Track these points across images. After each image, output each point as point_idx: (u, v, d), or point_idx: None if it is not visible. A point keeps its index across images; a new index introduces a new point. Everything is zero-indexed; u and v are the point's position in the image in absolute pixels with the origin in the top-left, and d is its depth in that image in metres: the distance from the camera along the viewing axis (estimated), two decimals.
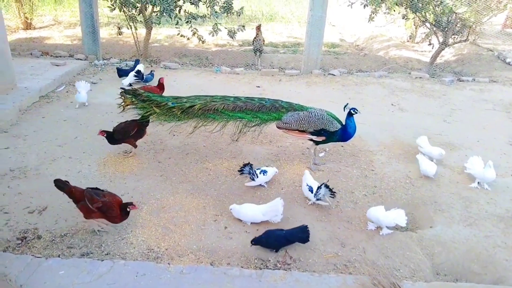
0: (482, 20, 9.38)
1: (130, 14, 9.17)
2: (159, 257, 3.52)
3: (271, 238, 3.65)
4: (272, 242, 3.66)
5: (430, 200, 4.59)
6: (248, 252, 3.64)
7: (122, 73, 7.99)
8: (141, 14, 9.28)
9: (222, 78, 8.72)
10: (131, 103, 5.07)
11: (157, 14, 9.00)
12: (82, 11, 9.00)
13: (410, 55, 11.24)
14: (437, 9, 9.09)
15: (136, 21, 9.31)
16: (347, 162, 5.35)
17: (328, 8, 9.04)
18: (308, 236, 3.66)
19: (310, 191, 4.27)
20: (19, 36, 11.39)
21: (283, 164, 5.23)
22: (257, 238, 3.67)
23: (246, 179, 4.67)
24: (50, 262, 3.29)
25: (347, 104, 4.87)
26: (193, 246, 3.67)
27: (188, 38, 9.65)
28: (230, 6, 8.94)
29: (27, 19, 12.05)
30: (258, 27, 9.55)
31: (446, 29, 9.47)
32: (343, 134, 4.89)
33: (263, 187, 4.65)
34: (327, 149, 5.64)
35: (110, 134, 4.97)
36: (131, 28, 9.38)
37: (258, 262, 3.55)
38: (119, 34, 9.99)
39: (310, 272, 3.41)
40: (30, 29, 12.12)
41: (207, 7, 8.98)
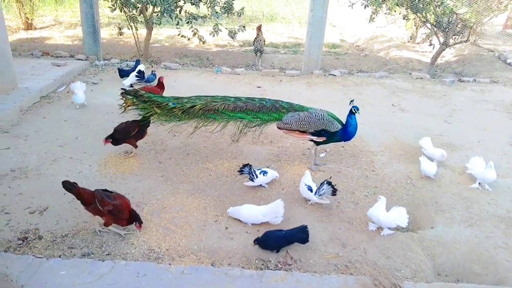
0: (483, 20, 9.37)
1: (130, 14, 9.17)
2: (160, 257, 3.52)
3: (271, 238, 3.65)
4: (271, 242, 3.66)
5: (431, 200, 4.59)
6: (249, 252, 3.64)
7: (123, 73, 7.98)
8: (141, 15, 9.28)
9: (222, 79, 8.72)
10: (132, 104, 5.09)
11: (157, 15, 9.00)
12: (82, 12, 9.01)
13: (411, 56, 11.24)
14: (437, 9, 9.09)
15: (136, 21, 9.32)
16: (348, 163, 5.35)
17: (328, 8, 9.05)
18: (307, 236, 3.66)
19: (310, 190, 4.28)
20: (20, 36, 11.40)
21: (284, 164, 5.23)
22: (259, 238, 3.67)
23: (246, 179, 4.67)
24: (51, 263, 3.29)
25: (353, 100, 4.86)
26: (194, 247, 3.67)
27: (188, 39, 9.66)
28: (230, 6, 8.95)
29: (28, 20, 12.05)
30: (259, 28, 9.55)
31: (447, 29, 9.46)
32: (344, 133, 4.88)
33: (264, 188, 4.65)
34: (328, 149, 5.64)
35: (112, 136, 4.97)
36: (132, 28, 9.38)
37: (259, 263, 3.55)
38: (120, 35, 9.99)
39: (311, 272, 3.41)
40: (31, 29, 12.12)
41: (208, 8, 8.98)
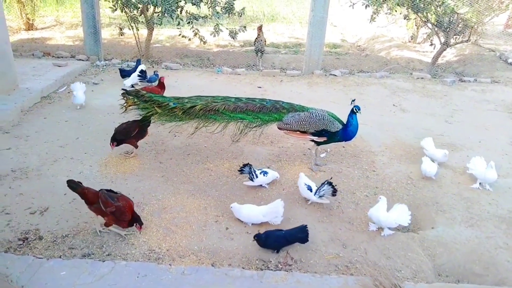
0: (484, 20, 9.36)
1: (131, 14, 9.18)
2: (160, 258, 3.52)
3: (271, 238, 3.65)
4: (271, 242, 3.65)
5: (431, 201, 4.59)
6: (249, 253, 3.64)
7: (124, 73, 7.97)
8: (142, 15, 9.29)
9: (223, 79, 8.72)
10: (133, 104, 5.10)
11: (158, 15, 9.00)
12: (83, 12, 9.02)
13: (412, 56, 11.22)
14: (438, 9, 9.07)
15: (137, 21, 9.32)
16: (349, 163, 5.35)
17: (329, 8, 9.04)
18: (307, 236, 3.65)
19: (309, 190, 4.28)
20: (21, 37, 11.42)
21: (284, 165, 5.23)
22: (259, 234, 3.67)
23: (246, 179, 4.67)
24: (51, 263, 3.29)
25: (354, 99, 4.86)
26: (194, 247, 3.67)
27: (189, 39, 9.66)
28: (231, 6, 8.95)
29: (29, 20, 12.07)
30: (260, 28, 9.55)
31: (448, 29, 9.44)
32: (345, 133, 4.87)
33: (264, 188, 4.65)
34: (329, 149, 5.63)
35: (114, 137, 4.96)
36: (133, 28, 9.39)
37: (259, 263, 3.55)
38: (121, 35, 10.00)
39: (312, 273, 3.41)
40: (32, 30, 12.14)
41: (209, 8, 8.99)
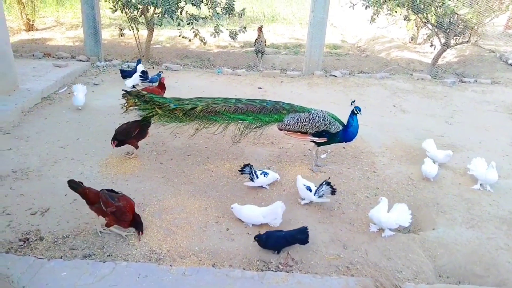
0: (484, 21, 9.36)
1: (131, 15, 9.18)
2: (161, 258, 3.52)
3: (271, 239, 3.65)
4: (272, 243, 3.65)
5: (432, 201, 4.59)
6: (250, 253, 3.64)
7: (125, 74, 7.98)
8: (142, 16, 9.29)
9: (223, 80, 8.73)
10: (134, 104, 5.11)
11: (158, 16, 9.00)
12: (84, 13, 9.02)
13: (412, 57, 11.23)
14: (439, 10, 9.08)
15: (137, 22, 9.32)
16: (349, 164, 5.35)
17: (329, 9, 9.03)
18: (307, 237, 3.65)
19: (309, 190, 4.28)
20: (21, 37, 11.42)
21: (285, 165, 5.23)
22: (260, 235, 3.67)
23: (247, 179, 4.67)
24: (52, 264, 3.29)
25: (355, 100, 4.86)
26: (195, 248, 3.67)
27: (189, 40, 9.66)
28: (231, 7, 8.95)
29: (29, 21, 12.07)
30: (260, 29, 9.55)
31: (448, 30, 9.45)
32: (345, 134, 4.88)
33: (265, 189, 4.65)
34: (329, 150, 5.63)
35: (115, 138, 4.96)
36: (133, 29, 9.39)
37: (260, 264, 3.55)
38: (121, 36, 10.00)
39: (312, 274, 3.41)
40: (32, 30, 12.14)
41: (209, 9, 8.98)
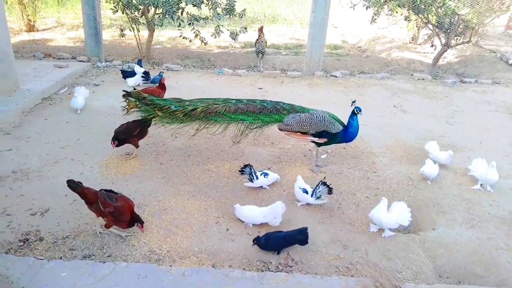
0: (484, 21, 9.36)
1: (132, 16, 9.19)
2: (161, 259, 3.52)
3: (271, 240, 3.65)
4: (271, 244, 3.65)
5: (432, 202, 4.58)
6: (250, 254, 3.64)
7: (126, 74, 8.00)
8: (143, 16, 9.30)
9: (224, 80, 8.73)
10: (135, 106, 5.12)
11: (159, 16, 9.01)
12: (84, 13, 9.03)
13: (413, 57, 11.22)
14: (439, 10, 9.07)
15: (138, 23, 9.32)
16: (349, 164, 5.34)
17: (330, 10, 9.03)
18: (307, 238, 3.65)
19: (305, 193, 4.28)
20: (22, 38, 11.43)
21: (285, 166, 5.22)
22: (259, 237, 3.67)
23: (247, 179, 4.67)
24: (52, 264, 3.29)
25: (355, 101, 4.86)
26: (195, 248, 3.67)
27: (190, 40, 9.67)
28: (232, 8, 8.95)
29: (30, 21, 12.08)
30: (260, 29, 9.55)
31: (449, 30, 9.45)
32: (346, 134, 4.88)
33: (265, 189, 4.65)
34: (329, 151, 5.63)
35: (116, 138, 4.96)
36: (134, 30, 9.40)
37: (260, 264, 3.54)
38: (122, 36, 10.00)
39: (312, 274, 3.41)
40: (33, 31, 12.15)
41: (210, 9, 8.99)
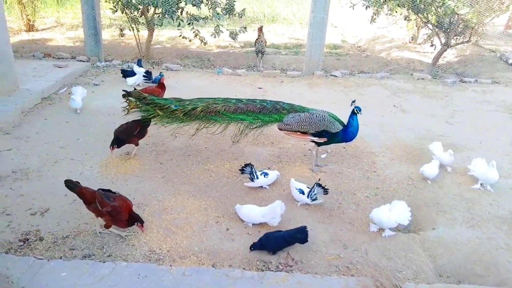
0: (484, 21, 9.36)
1: (132, 16, 9.18)
2: (161, 259, 3.51)
3: (270, 240, 3.64)
4: (271, 244, 3.64)
5: (432, 201, 4.58)
6: (250, 254, 3.64)
7: (127, 73, 8.00)
8: (143, 16, 9.30)
9: (223, 80, 8.73)
10: (135, 106, 5.12)
11: (159, 16, 9.00)
12: (84, 13, 9.02)
13: (412, 56, 11.22)
14: (439, 10, 9.07)
15: (138, 23, 9.31)
16: (349, 164, 5.34)
17: (330, 9, 9.03)
18: (306, 236, 3.65)
19: (302, 193, 4.29)
20: (22, 38, 11.42)
21: (285, 165, 5.22)
22: (255, 243, 3.64)
23: (247, 179, 4.67)
24: (52, 264, 3.29)
25: (355, 100, 4.86)
26: (195, 248, 3.67)
27: (190, 40, 9.66)
28: (232, 7, 8.94)
29: (30, 21, 12.06)
30: (260, 29, 9.55)
31: (448, 30, 9.44)
32: (345, 134, 4.88)
33: (265, 189, 4.65)
34: (329, 150, 5.63)
35: (116, 139, 4.94)
36: (133, 30, 9.39)
37: (260, 264, 3.54)
38: (121, 36, 10.00)
39: (312, 274, 3.41)
40: (33, 31, 12.14)
41: (209, 9, 8.98)
